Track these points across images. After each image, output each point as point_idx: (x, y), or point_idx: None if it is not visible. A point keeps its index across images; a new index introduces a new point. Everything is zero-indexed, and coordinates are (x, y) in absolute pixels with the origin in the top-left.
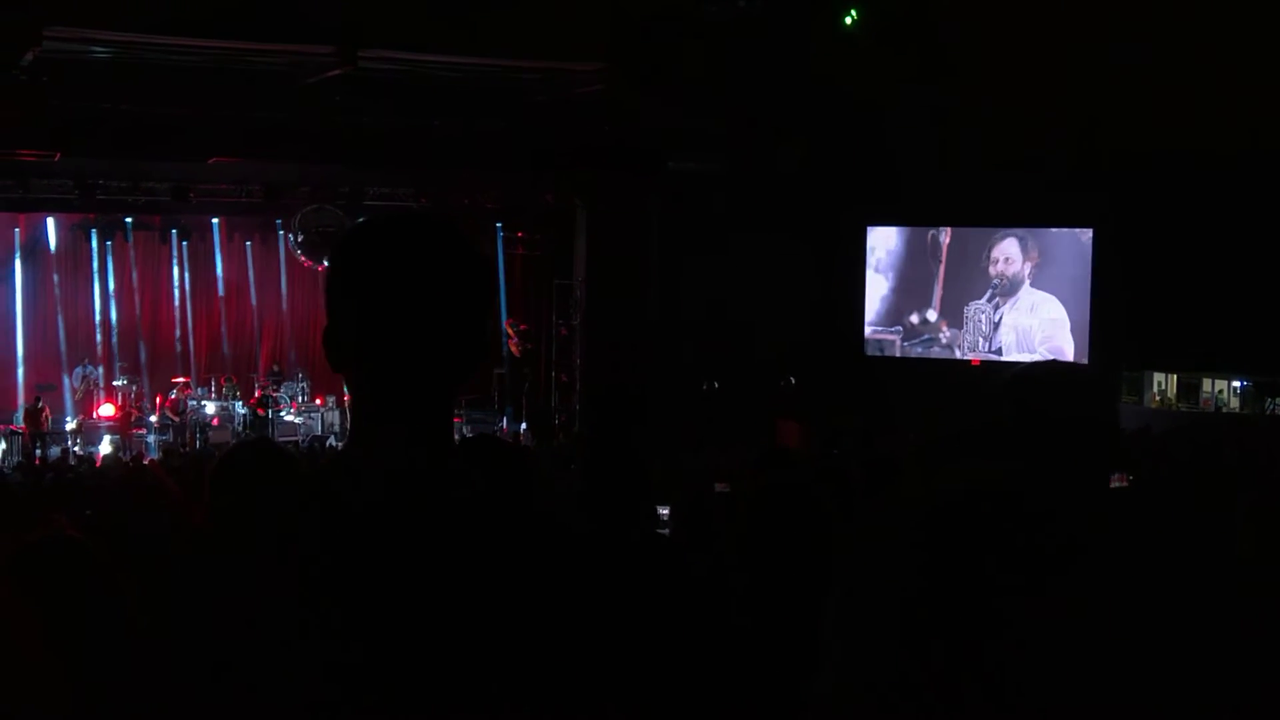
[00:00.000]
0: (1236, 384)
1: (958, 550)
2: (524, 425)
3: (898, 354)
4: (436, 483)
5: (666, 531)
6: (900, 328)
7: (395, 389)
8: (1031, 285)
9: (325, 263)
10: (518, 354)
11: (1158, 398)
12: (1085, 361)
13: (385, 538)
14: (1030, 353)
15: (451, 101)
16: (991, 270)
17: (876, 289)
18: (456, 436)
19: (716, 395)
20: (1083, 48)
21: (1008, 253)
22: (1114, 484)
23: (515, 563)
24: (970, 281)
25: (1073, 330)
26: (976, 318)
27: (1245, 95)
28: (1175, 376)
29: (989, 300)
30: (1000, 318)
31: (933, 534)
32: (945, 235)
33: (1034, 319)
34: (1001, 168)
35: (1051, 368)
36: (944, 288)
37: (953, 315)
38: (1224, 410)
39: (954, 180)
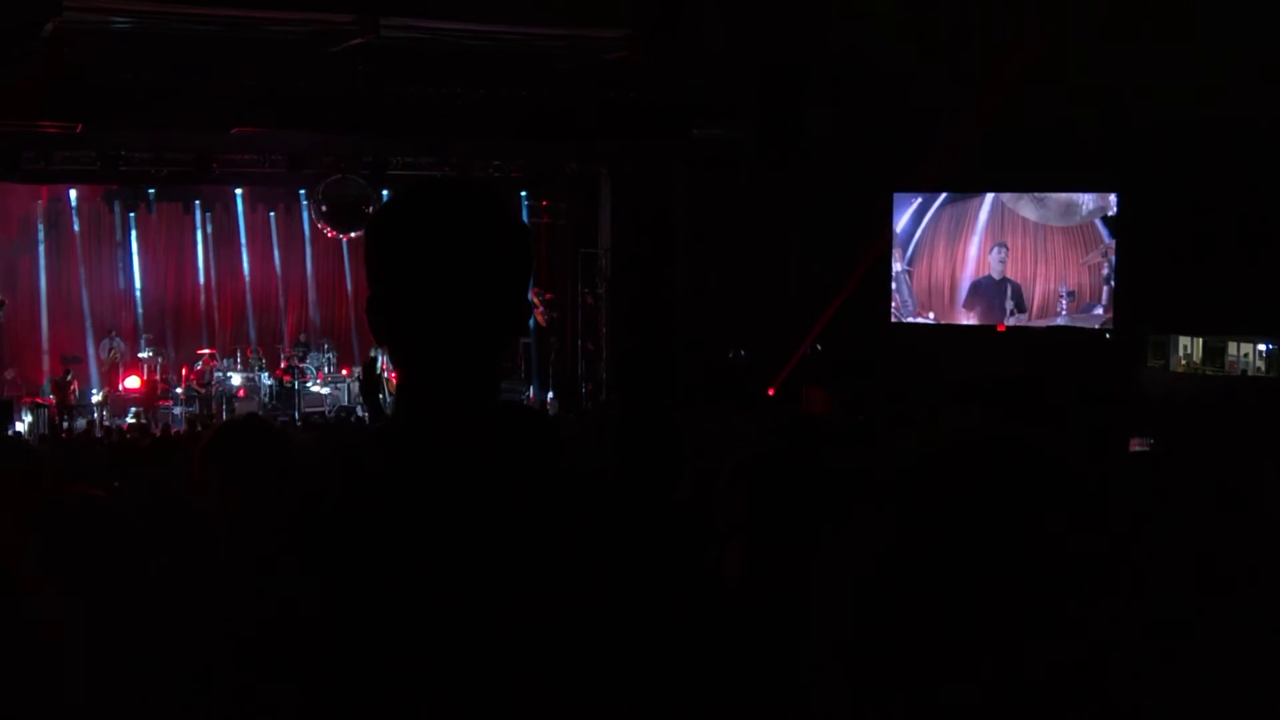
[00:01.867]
0: (1262, 347)
1: (937, 506)
2: (550, 394)
3: (927, 320)
4: (479, 452)
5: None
6: (926, 294)
7: (439, 358)
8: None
9: (351, 232)
10: (543, 323)
11: (1183, 362)
12: (1110, 326)
13: (428, 506)
14: (1056, 319)
15: (474, 70)
16: (1011, 238)
17: (901, 256)
18: None
19: (742, 363)
20: (1110, 8)
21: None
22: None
23: (554, 529)
24: (992, 248)
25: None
26: (1001, 285)
27: (1268, 56)
28: (1201, 340)
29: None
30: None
31: (907, 488)
32: (970, 201)
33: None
34: (1028, 133)
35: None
36: (968, 254)
37: (977, 283)
38: (1249, 374)
39: (980, 146)
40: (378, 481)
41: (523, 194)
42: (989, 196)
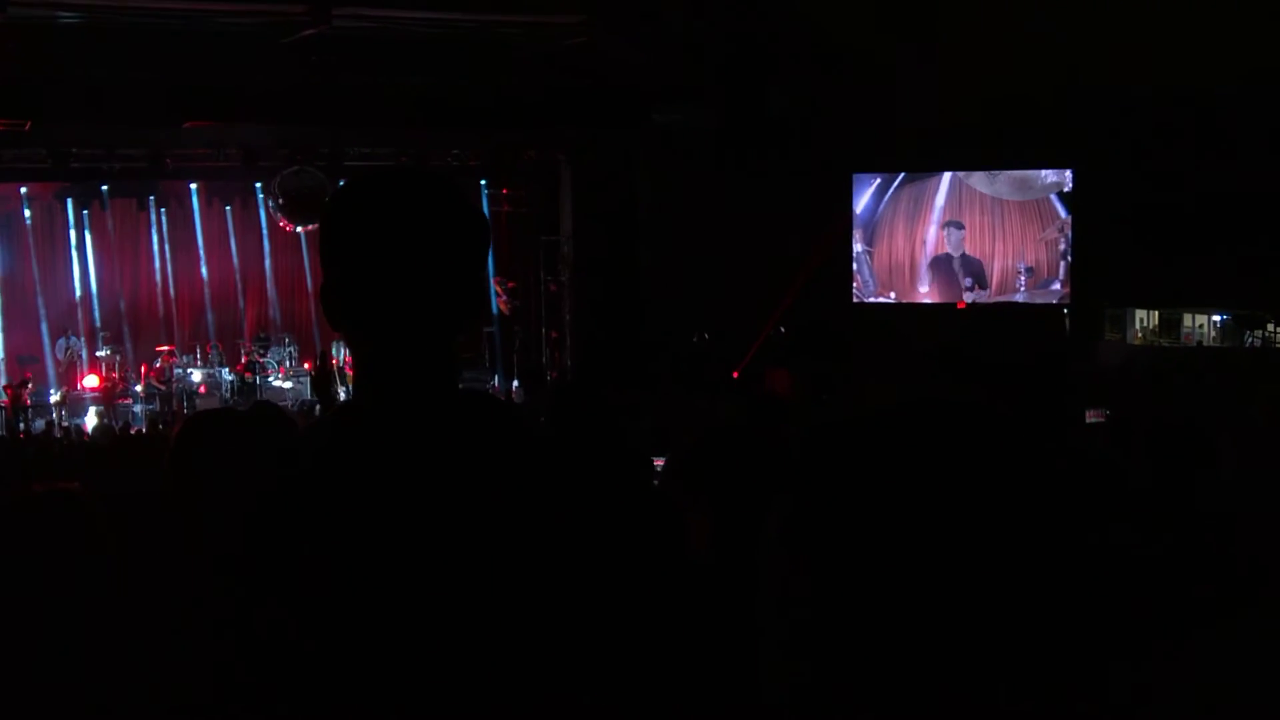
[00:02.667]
0: (1216, 319)
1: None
2: (515, 383)
3: (889, 300)
4: (437, 434)
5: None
6: (887, 274)
7: (395, 343)
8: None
9: (308, 225)
10: (507, 312)
11: (1140, 334)
12: (1067, 301)
13: (383, 490)
14: (1015, 295)
15: (430, 59)
16: (968, 216)
17: (862, 237)
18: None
19: (707, 346)
20: None
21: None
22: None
23: (515, 510)
24: (951, 227)
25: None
26: (959, 263)
27: (1222, 30)
28: (1157, 313)
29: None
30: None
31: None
32: (928, 181)
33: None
34: (985, 111)
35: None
36: (926, 233)
37: (936, 261)
38: (1204, 345)
39: (938, 126)
40: (334, 466)
41: (482, 183)
42: (946, 175)
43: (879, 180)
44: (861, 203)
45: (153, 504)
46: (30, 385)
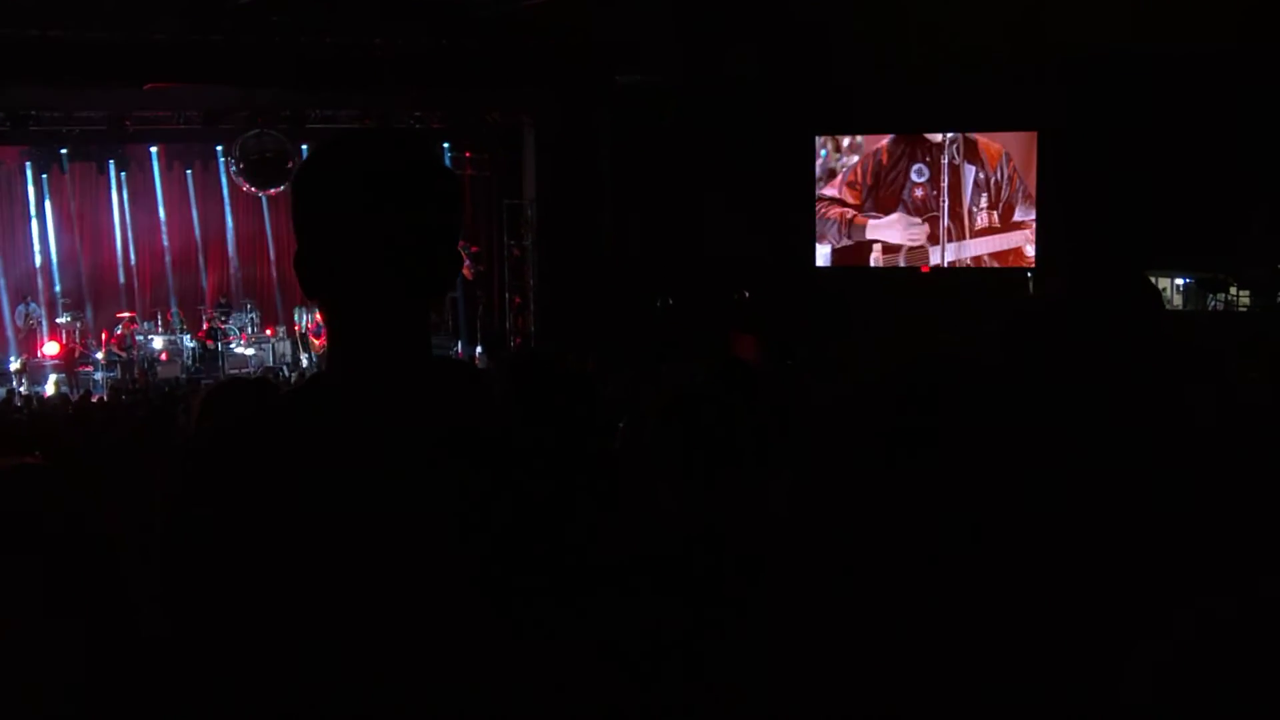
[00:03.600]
0: (1180, 281)
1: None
2: (479, 348)
3: (853, 264)
4: (412, 399)
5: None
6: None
7: (368, 309)
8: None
9: (270, 189)
10: (470, 276)
11: None
12: (1033, 264)
13: (357, 454)
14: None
15: (392, 20)
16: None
17: (828, 199)
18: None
19: (672, 311)
20: None
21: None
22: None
23: (490, 467)
24: (912, 189)
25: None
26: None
27: None
28: None
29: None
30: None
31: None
32: (888, 142)
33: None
34: (949, 72)
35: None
36: (892, 196)
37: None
38: (1167, 307)
39: (901, 87)
40: (307, 430)
41: (445, 145)
42: (911, 138)
43: (843, 141)
44: (825, 164)
45: (115, 473)
46: None
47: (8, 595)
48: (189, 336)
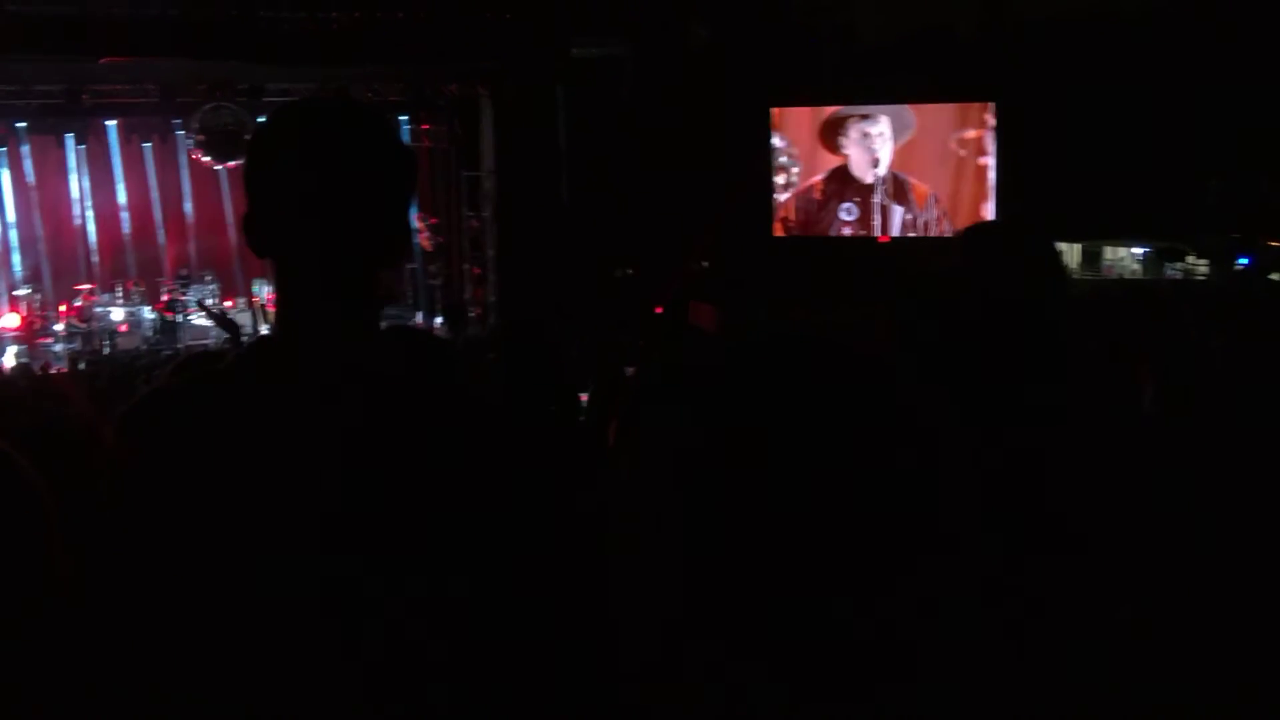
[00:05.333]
0: (1137, 251)
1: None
2: (439, 319)
3: (811, 234)
4: (357, 363)
5: (583, 418)
6: (812, 201)
7: (312, 273)
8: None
9: (229, 161)
10: (429, 248)
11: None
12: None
13: (300, 416)
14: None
15: None
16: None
17: (784, 170)
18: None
19: (631, 281)
20: None
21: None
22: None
23: (434, 435)
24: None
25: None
26: (880, 196)
27: None
28: (1079, 246)
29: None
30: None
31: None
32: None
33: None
34: (905, 42)
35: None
36: (846, 165)
37: (858, 187)
38: (1125, 277)
39: (857, 58)
40: (246, 395)
41: (403, 118)
42: (866, 108)
43: (799, 112)
44: (782, 135)
45: (75, 445)
46: None
47: None
48: (149, 308)
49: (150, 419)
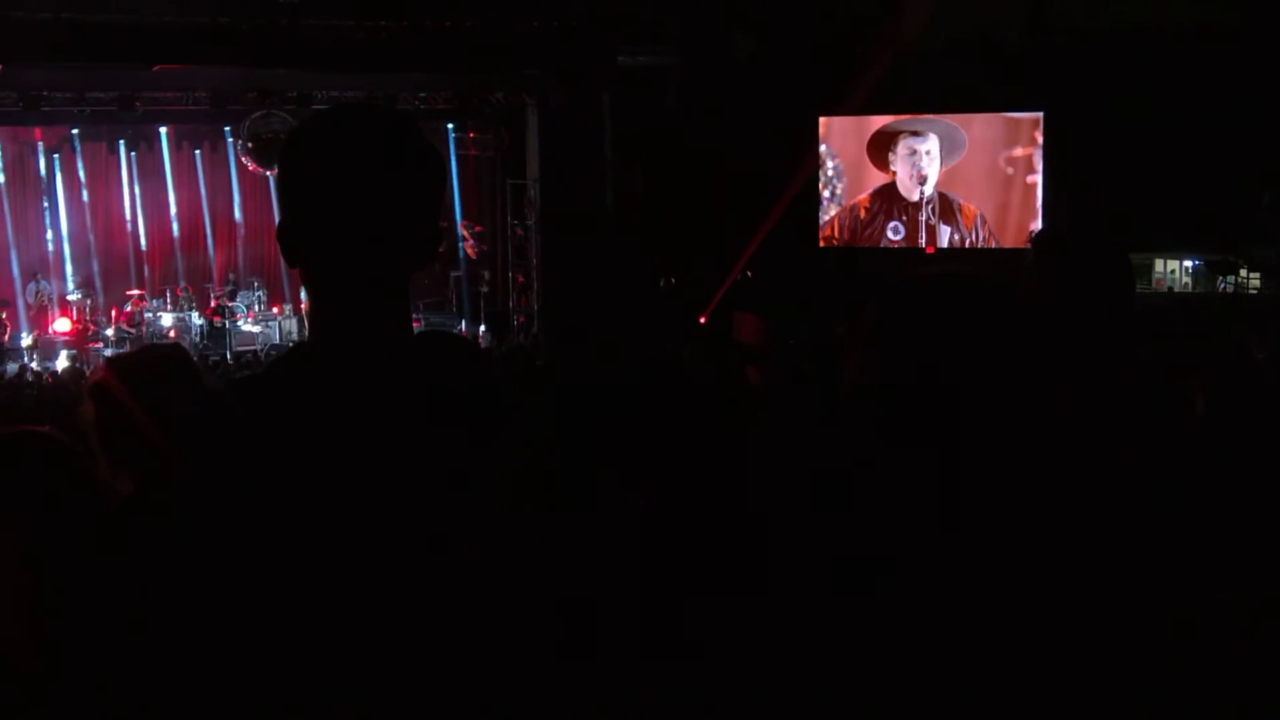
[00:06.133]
0: (1189, 264)
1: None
2: (482, 327)
3: (858, 244)
4: (391, 369)
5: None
6: (858, 219)
7: (346, 279)
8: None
9: (276, 168)
10: (474, 256)
11: None
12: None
13: (332, 423)
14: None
15: (398, 1)
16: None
17: (830, 180)
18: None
19: (674, 290)
20: None
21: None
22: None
23: (473, 435)
24: (916, 178)
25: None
26: (926, 214)
27: None
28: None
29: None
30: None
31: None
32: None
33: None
34: (953, 52)
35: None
36: (893, 182)
37: (904, 205)
38: (1176, 290)
39: (904, 67)
40: (284, 402)
41: (449, 126)
42: (914, 119)
43: (847, 121)
44: (829, 145)
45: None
46: (9, 327)
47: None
48: (198, 314)
49: (198, 429)
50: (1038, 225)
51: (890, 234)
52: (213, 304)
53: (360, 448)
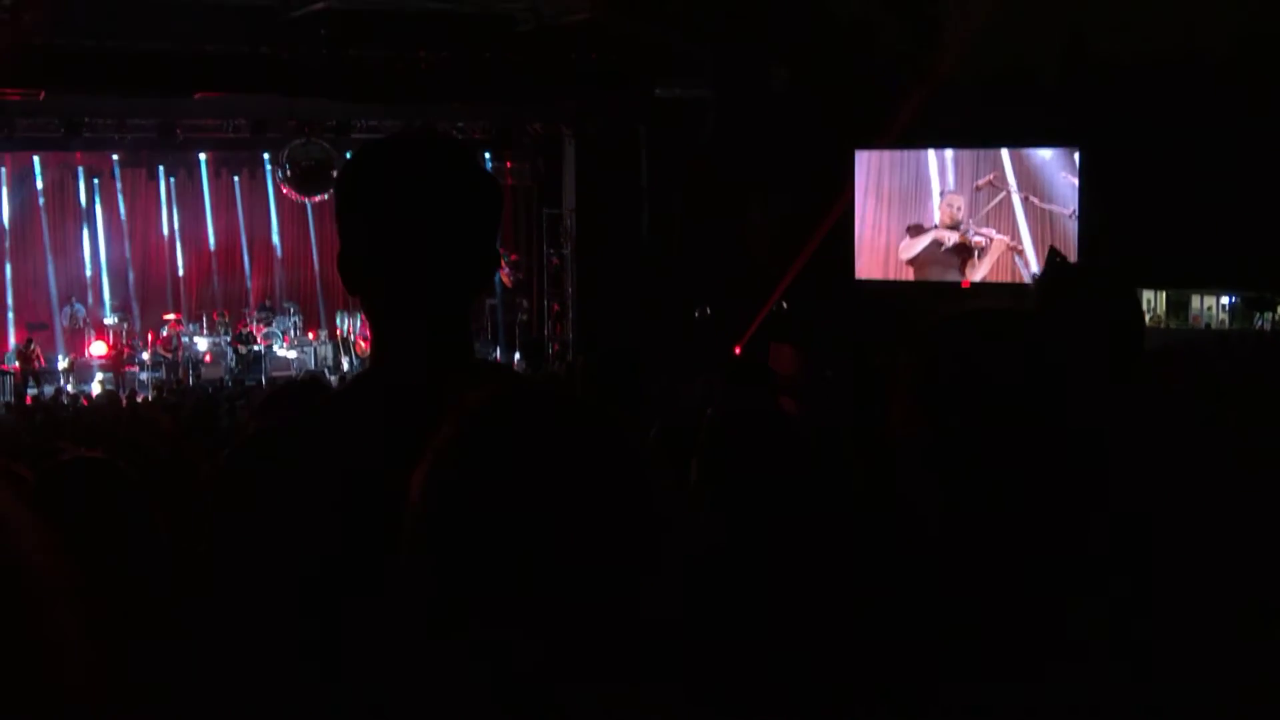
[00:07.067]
0: (1225, 300)
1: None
2: (517, 355)
3: (891, 277)
4: (462, 394)
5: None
6: (892, 256)
7: (407, 306)
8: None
9: (315, 195)
10: (509, 284)
11: (1148, 315)
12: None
13: (409, 450)
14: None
15: (437, 32)
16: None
17: (867, 213)
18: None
19: (709, 321)
20: None
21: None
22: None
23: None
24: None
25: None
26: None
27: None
28: (1164, 294)
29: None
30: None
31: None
32: (932, 157)
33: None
34: (987, 86)
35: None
36: (928, 207)
37: (938, 244)
38: (1213, 327)
39: (939, 101)
40: (359, 427)
41: (486, 155)
42: (955, 152)
43: (883, 155)
44: (866, 178)
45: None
46: (38, 350)
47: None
48: (231, 338)
49: (257, 458)
50: (1073, 259)
51: (926, 266)
52: (250, 328)
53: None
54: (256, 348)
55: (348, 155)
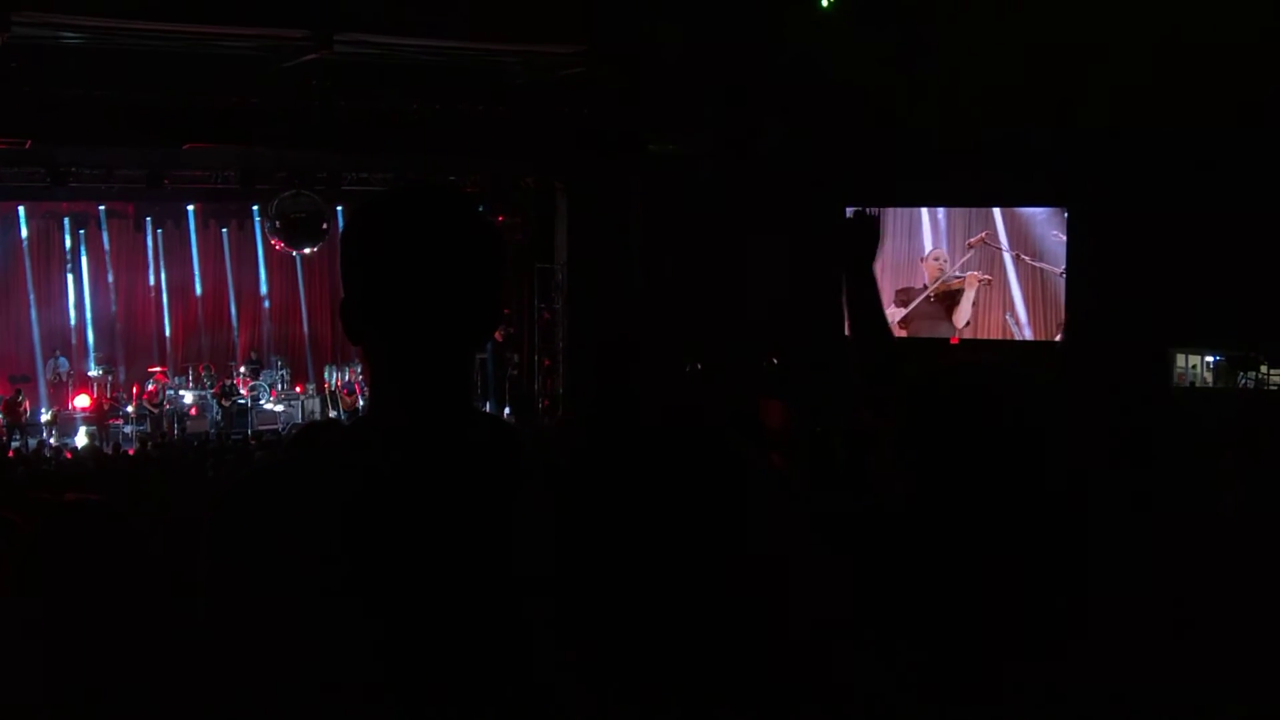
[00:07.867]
0: (1209, 359)
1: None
2: (507, 410)
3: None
4: (450, 446)
5: None
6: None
7: (409, 355)
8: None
9: (305, 248)
10: (500, 338)
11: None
12: (1059, 339)
13: (391, 498)
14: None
15: (429, 85)
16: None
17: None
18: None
19: (700, 376)
20: (1059, 22)
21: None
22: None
23: (539, 522)
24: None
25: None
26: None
27: (1217, 71)
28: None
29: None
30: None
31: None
32: (923, 215)
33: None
34: (977, 148)
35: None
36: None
37: (925, 301)
38: (1197, 385)
39: (930, 162)
40: (357, 477)
41: (479, 208)
42: (946, 210)
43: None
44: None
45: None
46: (24, 403)
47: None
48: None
49: (251, 499)
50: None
51: (916, 322)
52: (236, 382)
53: (422, 523)
54: (242, 400)
55: (338, 209)
